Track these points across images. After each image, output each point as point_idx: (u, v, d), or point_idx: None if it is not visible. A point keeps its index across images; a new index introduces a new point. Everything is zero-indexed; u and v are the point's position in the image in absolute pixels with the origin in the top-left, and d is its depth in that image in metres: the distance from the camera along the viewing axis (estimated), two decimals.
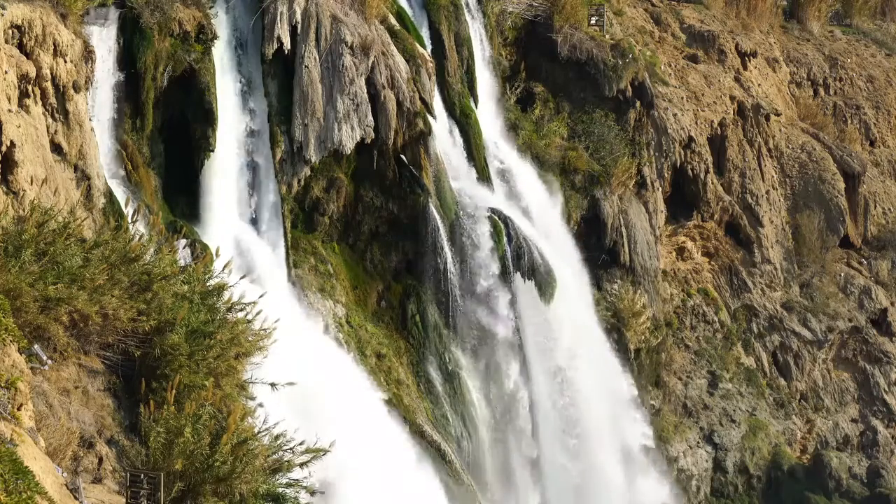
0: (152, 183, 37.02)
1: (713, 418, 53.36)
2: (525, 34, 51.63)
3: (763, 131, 59.04)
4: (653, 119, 52.96)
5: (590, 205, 49.80)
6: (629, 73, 51.52)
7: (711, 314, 55.65)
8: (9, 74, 30.20)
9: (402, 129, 41.80)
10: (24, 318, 21.59)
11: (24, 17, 31.16)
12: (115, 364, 23.61)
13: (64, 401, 21.90)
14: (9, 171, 29.50)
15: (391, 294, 42.92)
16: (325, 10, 40.62)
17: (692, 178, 55.02)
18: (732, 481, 53.13)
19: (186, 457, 20.96)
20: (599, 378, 46.58)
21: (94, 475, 21.19)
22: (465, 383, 43.10)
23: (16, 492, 15.83)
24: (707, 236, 56.52)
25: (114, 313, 23.06)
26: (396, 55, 42.12)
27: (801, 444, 56.22)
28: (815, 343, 57.53)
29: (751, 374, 55.63)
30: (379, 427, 37.74)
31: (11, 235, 22.90)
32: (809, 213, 59.50)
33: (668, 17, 60.73)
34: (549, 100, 51.68)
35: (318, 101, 40.13)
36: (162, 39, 36.70)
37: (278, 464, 22.73)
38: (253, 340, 25.06)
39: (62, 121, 32.57)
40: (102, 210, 33.01)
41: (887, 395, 58.45)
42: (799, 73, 65.54)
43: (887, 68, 69.03)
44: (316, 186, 41.09)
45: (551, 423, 44.72)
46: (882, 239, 62.30)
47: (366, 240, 42.62)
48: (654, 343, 51.61)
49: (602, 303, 49.38)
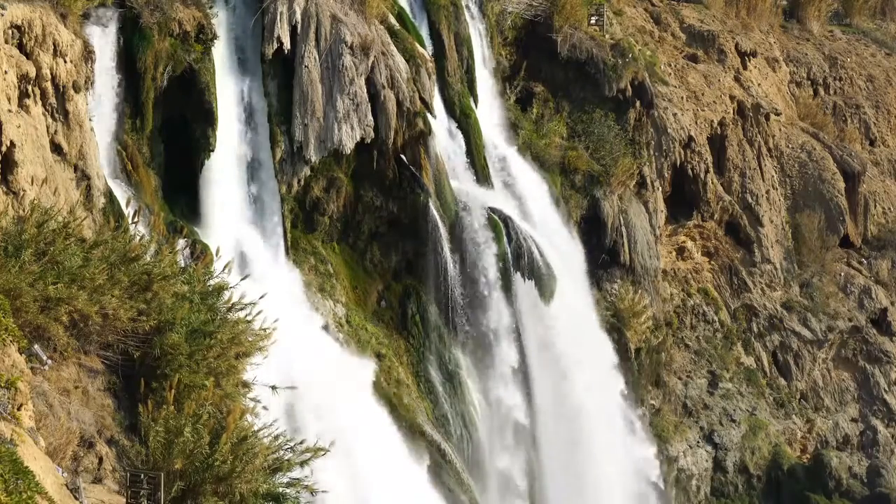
0: (152, 183, 37.01)
1: (713, 418, 53.35)
2: (525, 34, 51.61)
3: (763, 131, 59.03)
4: (653, 119, 52.94)
5: (590, 205, 49.79)
6: (629, 72, 51.52)
7: (711, 314, 55.65)
8: (9, 74, 30.20)
9: (402, 129, 41.79)
10: (24, 318, 21.60)
11: (24, 17, 31.15)
12: (114, 364, 23.62)
13: (64, 401, 21.90)
14: (9, 171, 29.50)
15: (391, 294, 42.91)
16: (324, 10, 40.61)
17: (692, 177, 55.00)
18: (732, 481, 53.12)
19: (186, 456, 20.99)
20: (599, 378, 46.56)
21: (94, 475, 21.20)
22: (465, 383, 43.09)
23: (16, 492, 15.84)
24: (707, 236, 56.51)
25: (114, 313, 23.07)
26: (396, 55, 42.11)
27: (801, 444, 56.20)
28: (815, 343, 57.51)
29: (751, 374, 55.62)
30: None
31: (11, 235, 22.91)
32: (809, 212, 59.48)
33: (668, 17, 60.71)
34: (548, 99, 51.68)
35: (318, 100, 40.12)
36: (162, 39, 36.67)
37: (279, 463, 22.75)
38: (253, 340, 25.08)
39: (62, 121, 32.56)
40: (102, 210, 32.99)
41: (887, 395, 58.44)
42: (799, 73, 65.53)
43: (887, 68, 69.01)
44: (316, 186, 41.08)
45: (551, 423, 44.70)
46: (882, 238, 62.28)
47: (366, 240, 42.62)
48: (655, 343, 51.60)
49: (602, 303, 49.37)
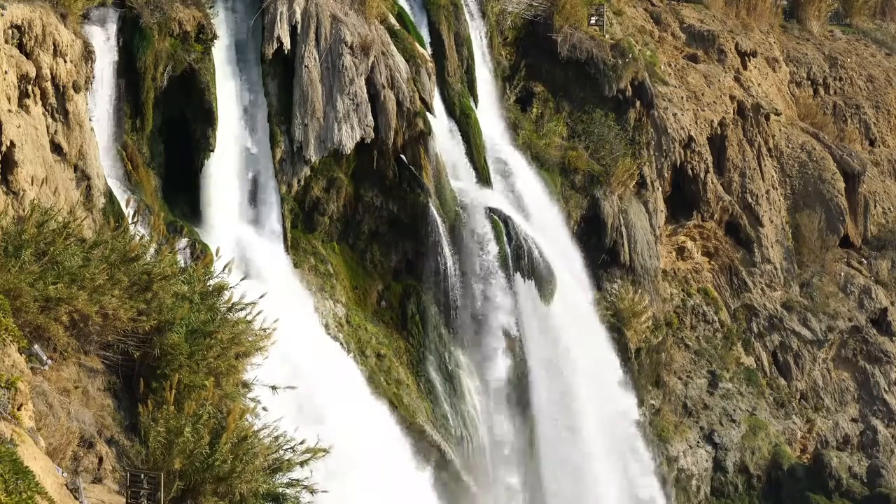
0: (152, 183, 37.00)
1: (713, 418, 53.35)
2: (525, 34, 51.61)
3: (763, 131, 59.02)
4: (653, 119, 52.94)
5: (590, 205, 49.79)
6: (629, 72, 51.51)
7: (711, 314, 55.64)
8: (9, 74, 30.20)
9: (402, 129, 41.78)
10: (24, 318, 21.61)
11: (24, 17, 31.15)
12: (114, 364, 23.64)
13: (64, 401, 21.91)
14: (9, 171, 29.49)
15: (391, 294, 42.90)
16: (324, 10, 40.60)
17: (692, 177, 55.01)
18: (732, 481, 53.12)
19: (186, 456, 21.00)
20: (599, 377, 46.55)
21: (94, 475, 21.21)
22: (464, 383, 43.09)
23: (16, 492, 15.85)
24: (707, 236, 56.50)
25: (114, 313, 23.09)
26: (396, 55, 42.11)
27: (801, 444, 56.20)
28: (815, 343, 57.51)
29: (751, 374, 55.61)
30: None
31: (11, 235, 22.93)
32: (809, 212, 59.47)
33: (668, 17, 60.72)
34: (548, 99, 51.67)
35: (318, 101, 40.12)
36: (162, 39, 36.67)
37: (279, 463, 22.75)
38: (253, 340, 25.08)
39: (62, 121, 32.55)
40: (102, 210, 32.99)
41: (887, 395, 58.43)
42: (799, 73, 65.53)
43: (887, 68, 69.02)
44: (316, 186, 41.07)
45: (551, 423, 44.70)
46: (882, 238, 62.28)
47: (366, 240, 42.61)
48: (655, 343, 51.60)
49: (602, 302, 49.37)
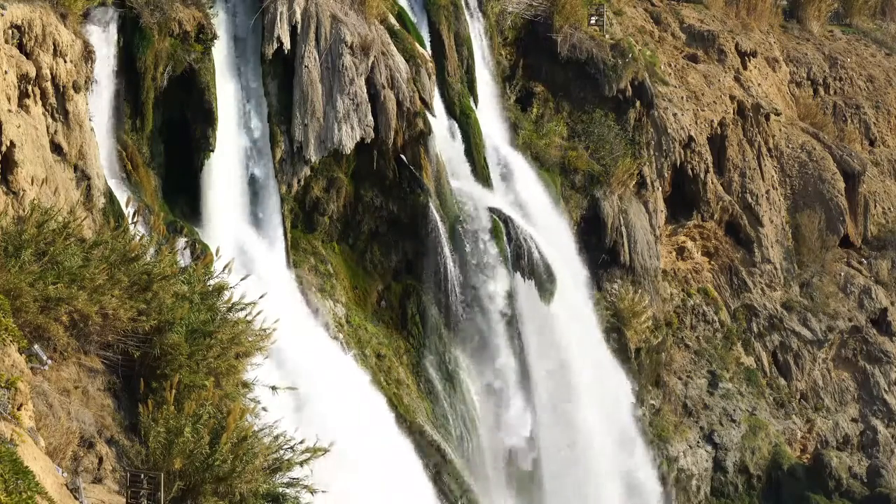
0: (152, 183, 37.00)
1: (713, 418, 53.34)
2: (525, 34, 51.62)
3: (763, 131, 59.02)
4: (653, 119, 52.94)
5: (590, 205, 49.80)
6: (629, 72, 51.52)
7: (711, 314, 55.64)
8: (9, 74, 30.19)
9: (402, 129, 41.78)
10: (24, 318, 21.61)
11: (24, 17, 31.15)
12: (115, 364, 23.63)
13: (64, 401, 21.90)
14: (9, 171, 29.48)
15: (391, 294, 42.91)
16: (324, 9, 40.60)
17: (692, 177, 55.01)
18: (732, 481, 53.11)
19: (186, 456, 21.00)
20: (599, 377, 46.56)
21: (94, 475, 21.20)
22: (464, 383, 43.10)
23: (16, 492, 15.84)
24: (707, 236, 56.50)
25: (114, 313, 23.08)
26: (396, 55, 42.10)
27: (801, 444, 56.20)
28: (815, 343, 57.51)
29: (751, 374, 55.62)
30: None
31: (11, 235, 22.92)
32: (809, 212, 59.48)
33: (668, 17, 60.73)
34: (548, 99, 51.68)
35: (318, 101, 40.12)
36: (162, 39, 36.67)
37: (278, 463, 22.75)
38: (253, 340, 25.08)
39: (62, 121, 32.54)
40: (102, 210, 32.98)
41: (887, 395, 58.43)
42: (799, 73, 65.52)
43: (887, 68, 69.02)
44: (316, 186, 41.07)
45: (551, 423, 44.70)
46: (882, 238, 62.28)
47: (366, 240, 42.61)
48: (655, 343, 51.60)
49: (602, 302, 49.37)
